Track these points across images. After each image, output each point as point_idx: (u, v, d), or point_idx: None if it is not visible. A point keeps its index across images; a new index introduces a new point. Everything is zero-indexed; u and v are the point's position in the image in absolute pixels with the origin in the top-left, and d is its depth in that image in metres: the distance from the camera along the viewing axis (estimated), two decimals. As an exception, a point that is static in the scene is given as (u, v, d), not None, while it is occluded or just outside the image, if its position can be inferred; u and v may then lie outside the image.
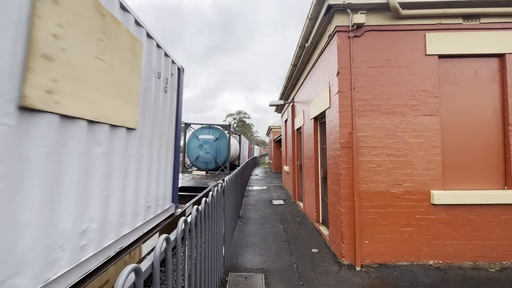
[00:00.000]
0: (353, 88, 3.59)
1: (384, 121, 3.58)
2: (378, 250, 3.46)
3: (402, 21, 3.61)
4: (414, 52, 3.62)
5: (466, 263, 3.40)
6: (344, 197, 3.54)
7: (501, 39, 3.56)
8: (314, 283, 3.00)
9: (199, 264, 1.89)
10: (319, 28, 4.16)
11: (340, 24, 3.64)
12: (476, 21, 3.60)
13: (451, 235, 3.43)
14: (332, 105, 3.92)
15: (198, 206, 1.95)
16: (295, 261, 3.58)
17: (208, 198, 2.30)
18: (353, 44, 3.62)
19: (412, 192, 3.51)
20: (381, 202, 3.51)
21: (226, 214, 3.45)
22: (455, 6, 3.50)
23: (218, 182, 3.22)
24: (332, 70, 3.87)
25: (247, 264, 3.46)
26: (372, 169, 3.54)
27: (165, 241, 1.29)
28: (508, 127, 3.51)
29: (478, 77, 3.65)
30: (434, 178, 3.50)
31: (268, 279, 3.07)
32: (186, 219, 1.61)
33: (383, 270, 3.29)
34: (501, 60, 3.61)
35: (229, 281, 3.00)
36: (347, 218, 3.51)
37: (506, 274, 3.14)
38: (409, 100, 3.59)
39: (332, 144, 3.94)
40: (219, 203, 2.88)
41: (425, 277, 3.09)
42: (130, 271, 0.88)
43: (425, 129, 3.55)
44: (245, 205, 7.22)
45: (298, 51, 5.43)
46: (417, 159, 3.53)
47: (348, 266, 3.39)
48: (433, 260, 3.43)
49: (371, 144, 3.57)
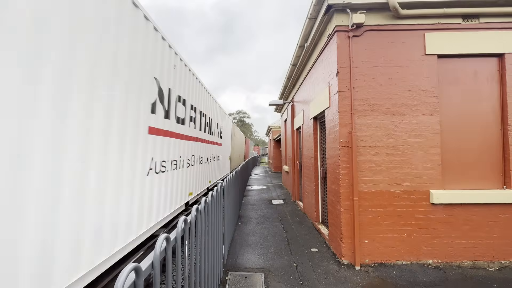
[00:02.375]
0: (352, 87, 3.59)
1: (384, 120, 3.59)
2: (377, 250, 3.46)
3: (401, 20, 3.61)
4: (413, 52, 3.62)
5: (465, 262, 3.41)
6: (344, 196, 3.54)
7: (500, 39, 3.56)
8: (313, 282, 3.01)
9: (199, 264, 1.90)
10: (319, 28, 4.16)
11: (340, 23, 3.64)
12: (476, 21, 3.60)
13: (450, 235, 3.44)
14: (332, 105, 3.92)
15: (198, 206, 1.95)
16: (294, 260, 3.59)
17: (208, 198, 2.30)
18: (352, 43, 3.63)
19: (412, 191, 3.51)
20: (380, 202, 3.52)
21: (225, 214, 3.45)
22: (454, 6, 3.51)
23: (218, 182, 3.22)
24: (332, 70, 3.87)
25: (246, 264, 3.46)
26: (371, 168, 3.55)
27: (165, 240, 1.29)
28: (507, 126, 3.52)
29: (478, 77, 3.65)
30: (433, 177, 3.51)
31: (268, 279, 3.08)
32: (186, 219, 1.62)
33: (383, 269, 3.30)
34: (500, 60, 3.62)
35: (229, 281, 3.01)
36: (346, 218, 3.51)
37: (505, 273, 3.16)
38: (408, 100, 3.59)
39: (332, 144, 3.94)
40: (219, 203, 2.88)
41: (424, 276, 3.10)
42: (130, 270, 0.88)
43: (425, 129, 3.56)
44: (245, 205, 7.22)
45: (298, 51, 5.43)
46: (416, 159, 3.54)
47: (348, 266, 3.40)
48: (432, 259, 3.44)
49: (371, 144, 3.57)
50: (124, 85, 2.48)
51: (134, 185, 2.68)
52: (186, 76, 4.41)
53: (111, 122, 2.29)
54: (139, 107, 2.78)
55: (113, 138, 2.32)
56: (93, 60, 2.06)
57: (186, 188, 4.56)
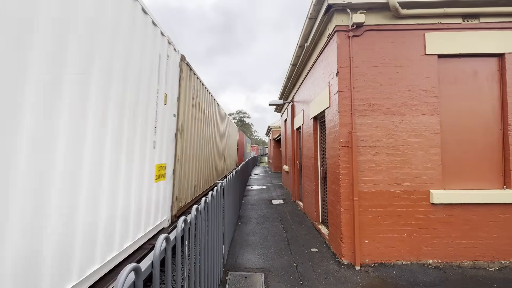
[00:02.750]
0: (352, 87, 3.59)
1: (384, 120, 3.58)
2: (377, 250, 3.46)
3: (401, 20, 3.61)
4: (413, 51, 3.62)
5: (465, 262, 3.40)
6: (344, 196, 3.54)
7: (500, 39, 3.56)
8: (313, 282, 3.00)
9: (199, 264, 1.89)
10: (319, 28, 4.16)
11: (340, 23, 3.64)
12: (476, 21, 3.60)
13: (451, 235, 3.44)
14: (332, 105, 3.92)
15: (198, 206, 1.95)
16: (294, 260, 3.59)
17: (208, 197, 2.30)
18: (352, 43, 3.62)
19: (412, 191, 3.51)
20: (380, 202, 3.51)
21: (225, 214, 3.45)
22: (454, 5, 3.50)
23: (218, 182, 3.20)
24: (332, 70, 3.87)
25: (246, 264, 3.46)
26: (371, 168, 3.55)
27: (165, 240, 1.29)
28: (508, 126, 3.52)
29: (478, 76, 3.65)
30: (434, 177, 3.51)
31: (268, 279, 3.08)
32: (185, 219, 1.61)
33: (383, 269, 3.30)
34: (501, 59, 3.61)
35: (229, 281, 3.00)
36: (346, 218, 3.51)
37: (505, 273, 3.15)
38: (408, 100, 3.59)
39: (332, 144, 3.94)
40: (219, 203, 2.88)
41: (424, 276, 3.10)
42: (130, 270, 0.88)
43: (425, 129, 3.56)
44: (245, 205, 7.22)
45: (298, 51, 5.43)
46: (416, 159, 3.53)
47: (348, 266, 3.40)
48: (433, 259, 3.44)
49: (371, 144, 3.57)
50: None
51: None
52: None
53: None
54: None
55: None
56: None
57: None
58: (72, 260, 1.81)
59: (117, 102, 2.34)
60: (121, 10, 2.38)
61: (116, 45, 2.30)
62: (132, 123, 2.59)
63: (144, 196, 2.87)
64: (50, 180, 1.64)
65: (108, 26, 2.18)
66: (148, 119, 2.94)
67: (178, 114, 4.01)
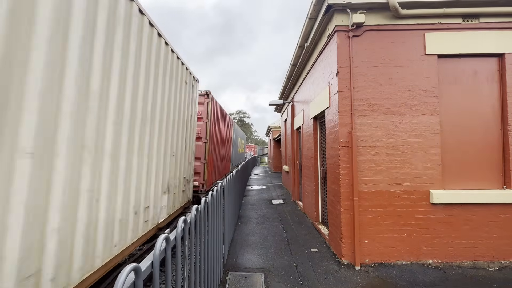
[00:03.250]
0: (352, 87, 3.59)
1: (384, 120, 3.58)
2: (377, 250, 3.46)
3: (401, 20, 3.61)
4: (413, 51, 3.62)
5: (465, 262, 3.40)
6: (344, 196, 3.54)
7: (500, 39, 3.56)
8: (313, 282, 3.00)
9: (198, 264, 1.89)
10: (319, 28, 4.16)
11: (340, 23, 3.64)
12: (476, 21, 3.60)
13: (450, 235, 3.44)
14: (332, 105, 3.92)
15: (198, 206, 1.95)
16: (294, 260, 3.59)
17: (208, 197, 2.30)
18: (352, 43, 3.62)
19: (412, 191, 3.51)
20: (380, 202, 3.51)
21: (225, 214, 3.45)
22: (454, 5, 3.50)
23: (218, 182, 3.21)
24: (332, 70, 3.87)
25: (246, 264, 3.46)
26: (371, 168, 3.55)
27: (165, 240, 1.29)
28: (507, 126, 3.52)
29: (478, 76, 3.65)
30: (434, 177, 3.51)
31: (268, 279, 3.08)
32: (185, 219, 1.61)
33: (383, 269, 3.30)
34: (500, 59, 3.61)
35: (229, 281, 3.00)
36: (346, 218, 3.51)
37: (505, 273, 3.15)
38: (408, 100, 3.59)
39: (332, 144, 3.94)
40: (219, 203, 2.88)
41: (424, 276, 3.10)
42: (130, 270, 0.88)
43: (425, 129, 3.56)
44: (245, 205, 7.22)
45: (298, 51, 5.43)
46: (416, 159, 3.53)
47: (348, 266, 3.40)
48: (432, 259, 3.44)
49: (371, 144, 3.57)
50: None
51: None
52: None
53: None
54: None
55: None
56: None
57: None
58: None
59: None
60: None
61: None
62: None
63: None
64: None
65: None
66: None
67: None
